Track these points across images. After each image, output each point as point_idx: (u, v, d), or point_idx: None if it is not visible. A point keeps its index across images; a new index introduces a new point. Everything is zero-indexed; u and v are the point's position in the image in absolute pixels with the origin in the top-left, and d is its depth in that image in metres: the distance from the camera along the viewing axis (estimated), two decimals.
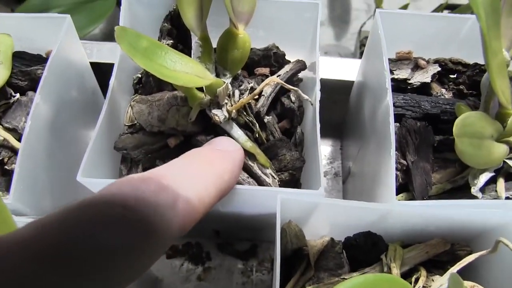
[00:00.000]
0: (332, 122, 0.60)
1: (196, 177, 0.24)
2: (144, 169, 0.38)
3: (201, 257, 0.54)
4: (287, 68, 0.44)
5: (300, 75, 0.46)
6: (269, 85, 0.39)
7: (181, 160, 0.27)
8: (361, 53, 0.80)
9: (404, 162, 0.37)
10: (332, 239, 0.37)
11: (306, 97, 0.36)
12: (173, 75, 0.31)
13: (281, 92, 0.42)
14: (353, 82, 0.54)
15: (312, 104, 0.37)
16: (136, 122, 0.38)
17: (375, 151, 0.40)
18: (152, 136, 0.38)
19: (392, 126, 0.34)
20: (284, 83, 0.36)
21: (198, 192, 0.23)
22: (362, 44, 0.92)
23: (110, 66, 0.39)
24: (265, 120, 0.40)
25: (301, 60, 0.44)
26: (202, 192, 0.24)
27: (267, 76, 0.44)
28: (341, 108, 0.58)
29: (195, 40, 0.37)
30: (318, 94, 0.36)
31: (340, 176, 0.61)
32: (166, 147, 0.38)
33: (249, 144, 0.37)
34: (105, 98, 0.38)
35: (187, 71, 0.32)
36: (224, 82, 0.35)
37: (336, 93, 0.57)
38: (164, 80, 0.30)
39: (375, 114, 0.40)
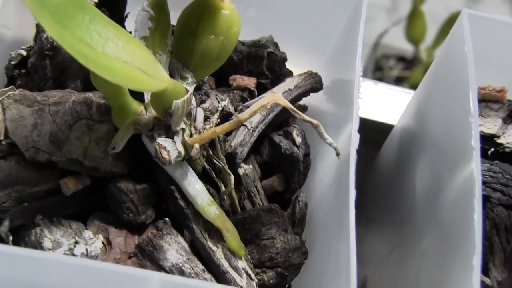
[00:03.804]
0: None
1: None
2: (12, 229, 0.36)
3: None
4: (290, 83, 0.44)
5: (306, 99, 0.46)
6: (265, 108, 0.39)
7: None
8: (377, 78, 0.84)
9: (487, 280, 0.37)
10: None
11: (330, 140, 0.36)
12: (103, 62, 0.30)
13: (272, 125, 0.42)
14: (391, 126, 0.55)
15: (337, 154, 0.37)
16: (7, 138, 0.36)
17: (436, 257, 0.40)
18: (35, 170, 0.36)
19: (479, 219, 0.34)
20: (298, 111, 0.35)
21: None
22: (377, 66, 0.95)
23: None
24: (240, 172, 0.40)
25: (315, 73, 0.45)
26: None
27: (250, 92, 0.44)
28: (360, 168, 0.59)
29: (142, 7, 0.37)
30: (355, 138, 0.36)
31: None
32: (58, 193, 0.37)
33: (214, 212, 0.36)
34: None
35: (125, 59, 0.31)
36: (187, 91, 0.35)
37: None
38: (88, 68, 0.29)
39: (440, 190, 0.40)
